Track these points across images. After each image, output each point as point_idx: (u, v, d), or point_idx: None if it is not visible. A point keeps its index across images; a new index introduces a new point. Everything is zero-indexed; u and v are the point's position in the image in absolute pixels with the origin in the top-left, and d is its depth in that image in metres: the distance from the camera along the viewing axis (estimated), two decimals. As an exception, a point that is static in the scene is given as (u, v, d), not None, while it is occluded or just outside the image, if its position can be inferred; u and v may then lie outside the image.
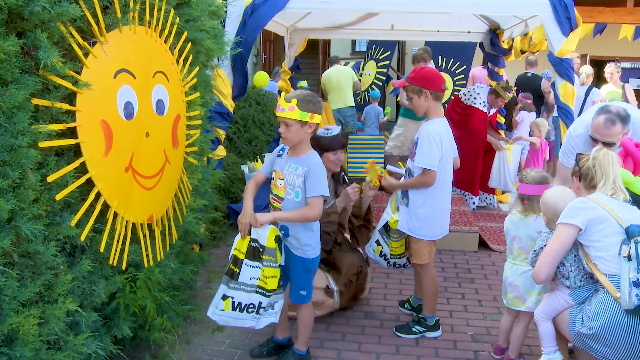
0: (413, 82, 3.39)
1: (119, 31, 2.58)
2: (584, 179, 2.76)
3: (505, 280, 3.23)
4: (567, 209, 2.64)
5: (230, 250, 2.95)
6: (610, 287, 2.46)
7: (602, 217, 2.54)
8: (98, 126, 2.45)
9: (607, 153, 2.71)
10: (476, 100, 6.46)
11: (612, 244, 2.50)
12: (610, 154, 2.71)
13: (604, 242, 2.52)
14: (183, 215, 3.42)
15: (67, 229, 2.32)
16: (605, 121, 3.18)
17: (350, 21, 7.32)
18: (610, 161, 2.68)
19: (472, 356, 3.43)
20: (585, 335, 2.51)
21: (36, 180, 2.14)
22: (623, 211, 2.56)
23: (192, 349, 3.43)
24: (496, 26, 6.83)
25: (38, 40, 2.07)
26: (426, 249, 3.50)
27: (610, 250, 2.50)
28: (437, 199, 3.44)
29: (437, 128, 3.36)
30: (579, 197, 2.68)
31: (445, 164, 3.40)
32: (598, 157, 2.70)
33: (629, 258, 2.39)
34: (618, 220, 2.51)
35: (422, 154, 3.33)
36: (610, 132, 3.18)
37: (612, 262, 2.49)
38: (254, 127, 8.28)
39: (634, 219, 2.52)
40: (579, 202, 2.63)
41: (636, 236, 2.40)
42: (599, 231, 2.54)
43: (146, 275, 2.92)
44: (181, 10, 3.26)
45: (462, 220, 5.85)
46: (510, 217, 3.27)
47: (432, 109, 3.42)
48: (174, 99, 3.15)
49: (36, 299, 2.25)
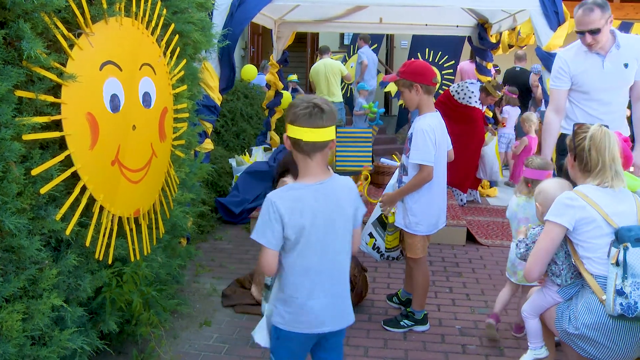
0: (404, 76, 3.37)
1: (105, 23, 2.54)
2: (579, 161, 2.55)
3: (514, 260, 3.40)
4: (554, 204, 2.52)
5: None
6: (597, 288, 2.39)
7: (590, 218, 2.42)
8: (84, 119, 2.42)
9: (605, 133, 2.47)
10: (471, 99, 6.45)
11: (601, 245, 2.41)
12: (608, 134, 2.48)
13: (592, 243, 2.43)
14: (170, 208, 3.39)
15: (52, 223, 2.29)
16: (584, 10, 3.48)
17: (339, 14, 7.31)
18: (608, 144, 2.46)
19: (460, 350, 3.44)
20: (572, 334, 2.48)
21: (20, 173, 2.11)
22: (614, 204, 2.44)
23: (180, 344, 3.41)
24: (484, 20, 6.85)
25: (21, 31, 2.04)
26: (420, 243, 3.51)
27: (598, 251, 2.41)
28: (432, 194, 3.43)
29: (431, 122, 3.35)
30: (567, 192, 2.54)
31: (439, 158, 3.39)
32: (594, 137, 2.48)
33: (616, 264, 2.29)
34: (607, 220, 2.40)
35: (417, 150, 3.31)
36: (590, 19, 3.47)
37: (600, 263, 2.41)
38: (242, 121, 8.25)
39: (625, 212, 2.43)
40: (567, 199, 2.47)
41: (626, 241, 2.29)
42: (587, 232, 2.44)
43: (133, 270, 2.90)
44: (168, 2, 3.23)
45: (450, 214, 5.87)
46: (516, 200, 3.39)
47: (424, 103, 3.40)
48: (161, 91, 3.11)
49: (20, 294, 2.22)
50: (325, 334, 2.21)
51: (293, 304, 2.15)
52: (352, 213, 2.22)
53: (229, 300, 4.02)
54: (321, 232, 2.12)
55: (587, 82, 3.73)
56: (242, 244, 5.38)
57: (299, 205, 2.08)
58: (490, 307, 4.02)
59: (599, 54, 3.67)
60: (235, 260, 4.94)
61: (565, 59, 3.74)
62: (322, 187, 2.14)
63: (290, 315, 2.16)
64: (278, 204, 2.06)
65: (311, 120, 2.05)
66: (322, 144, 2.10)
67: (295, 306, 2.15)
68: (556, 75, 3.79)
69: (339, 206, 2.16)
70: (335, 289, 2.19)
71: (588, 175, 2.53)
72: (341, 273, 2.21)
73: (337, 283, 2.20)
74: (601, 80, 3.69)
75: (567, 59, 3.73)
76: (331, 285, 2.17)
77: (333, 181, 2.18)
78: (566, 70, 3.73)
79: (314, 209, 2.09)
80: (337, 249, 2.18)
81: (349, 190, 2.23)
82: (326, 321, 2.17)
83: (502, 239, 5.60)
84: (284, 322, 2.17)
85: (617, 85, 3.73)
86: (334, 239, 2.16)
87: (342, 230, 2.19)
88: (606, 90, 3.72)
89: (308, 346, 2.27)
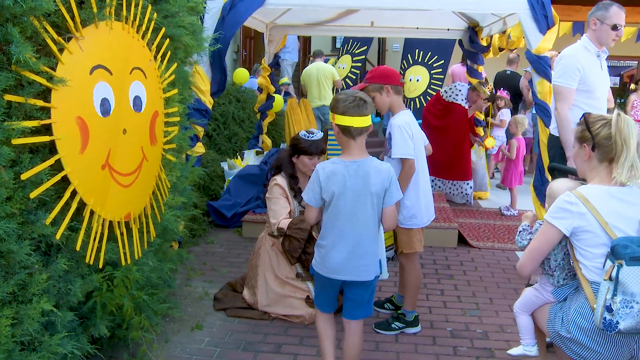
0: (373, 80, 3.49)
1: (95, 27, 2.54)
2: (599, 149, 2.38)
3: None
4: (555, 204, 2.42)
5: None
6: (591, 295, 2.35)
7: (587, 227, 2.33)
8: (74, 123, 2.41)
9: (626, 119, 2.34)
10: (457, 97, 6.60)
11: (597, 255, 2.34)
12: (628, 120, 2.34)
13: (589, 252, 2.36)
14: (161, 212, 3.39)
15: (41, 228, 2.28)
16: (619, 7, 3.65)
17: (330, 18, 7.32)
18: (631, 129, 2.31)
19: (451, 352, 3.45)
20: (564, 337, 2.46)
21: (9, 178, 2.10)
22: (620, 208, 2.32)
23: (171, 348, 3.40)
24: (475, 23, 6.88)
25: (10, 35, 2.03)
26: (416, 237, 3.58)
27: (594, 260, 2.35)
28: (419, 187, 3.54)
29: (405, 119, 3.47)
30: (569, 194, 2.38)
31: (418, 152, 3.51)
32: (618, 123, 2.32)
33: (610, 279, 2.23)
34: (606, 230, 2.30)
35: (397, 146, 3.41)
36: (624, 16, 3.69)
37: (595, 272, 2.35)
38: (234, 124, 8.25)
39: (631, 218, 2.32)
40: (567, 203, 2.37)
41: (621, 259, 2.20)
42: (584, 240, 2.37)
43: (123, 274, 2.89)
44: (159, 6, 3.22)
45: (442, 216, 5.88)
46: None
47: (396, 103, 3.53)
48: (152, 95, 3.11)
49: (9, 299, 2.21)
50: (345, 283, 2.74)
51: (321, 251, 2.75)
52: (379, 191, 2.67)
53: (221, 303, 4.01)
54: (349, 200, 2.64)
55: (592, 81, 3.89)
56: (234, 247, 5.38)
57: (332, 175, 2.64)
58: (482, 309, 4.05)
59: (598, 55, 3.79)
60: (227, 263, 4.93)
61: (579, 58, 3.84)
62: (355, 165, 2.65)
63: (319, 259, 2.77)
64: (320, 172, 2.66)
65: (359, 110, 2.62)
66: (366, 128, 2.66)
67: (322, 253, 2.74)
68: (570, 74, 3.88)
69: (366, 183, 2.64)
70: (354, 248, 2.67)
71: (609, 165, 2.38)
72: (362, 237, 2.68)
73: (357, 244, 2.67)
74: (601, 79, 3.85)
75: (580, 59, 3.84)
76: (351, 244, 2.67)
77: (367, 162, 2.68)
78: (580, 70, 3.86)
79: (344, 181, 2.63)
80: (361, 217, 2.66)
81: (378, 172, 2.67)
82: (342, 271, 2.70)
83: (493, 241, 5.62)
84: (316, 263, 2.80)
85: (607, 85, 3.95)
86: (360, 208, 2.65)
87: (368, 203, 2.66)
88: (602, 90, 3.92)
89: (333, 288, 2.80)
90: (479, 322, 3.85)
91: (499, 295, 4.30)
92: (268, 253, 3.94)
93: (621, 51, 11.91)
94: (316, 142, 3.81)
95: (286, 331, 3.66)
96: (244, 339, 3.55)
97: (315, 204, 2.71)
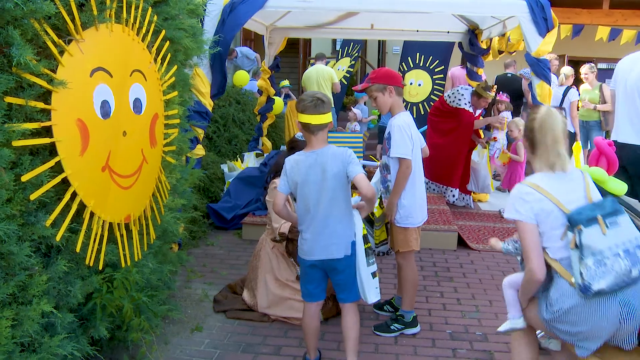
0: (376, 81, 3.55)
1: (95, 29, 2.55)
2: (528, 143, 2.62)
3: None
4: (509, 201, 2.54)
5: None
6: (563, 271, 2.43)
7: (547, 210, 2.45)
8: (74, 125, 2.42)
9: (550, 114, 2.53)
10: (461, 101, 6.55)
11: (558, 235, 2.45)
12: (554, 115, 2.53)
13: (552, 233, 2.46)
14: (161, 214, 3.39)
15: (42, 229, 2.29)
16: None
17: (330, 20, 7.34)
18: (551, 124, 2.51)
19: (451, 354, 3.45)
20: (550, 319, 2.49)
21: (10, 179, 2.10)
22: (566, 192, 2.47)
23: (171, 349, 3.41)
24: (475, 26, 6.90)
25: (10, 37, 2.04)
26: (413, 236, 3.62)
27: (558, 242, 2.45)
28: (415, 186, 3.59)
29: (405, 119, 3.53)
30: (520, 187, 2.53)
31: (415, 154, 3.56)
32: (539, 118, 2.53)
33: (576, 246, 2.34)
34: (562, 209, 2.43)
35: (396, 145, 3.47)
36: None
37: (561, 250, 2.44)
38: (234, 126, 8.26)
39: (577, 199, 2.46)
40: (524, 194, 2.49)
41: (578, 224, 2.34)
42: (546, 223, 2.47)
43: (123, 275, 2.89)
44: (159, 9, 3.23)
45: (442, 219, 5.89)
46: None
47: (396, 103, 3.59)
48: (152, 97, 3.12)
49: (9, 301, 2.21)
50: (327, 268, 3.03)
51: (300, 236, 3.04)
52: (340, 172, 2.91)
53: (221, 305, 4.02)
54: (312, 186, 2.93)
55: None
56: (234, 249, 5.38)
57: (296, 165, 2.96)
58: (481, 311, 4.05)
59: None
60: (226, 265, 4.94)
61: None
62: (315, 154, 2.94)
63: (300, 244, 3.04)
64: (287, 163, 3.00)
65: (317, 109, 2.89)
66: (325, 125, 2.94)
67: (300, 238, 3.04)
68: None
69: (324, 169, 2.92)
70: (322, 229, 2.95)
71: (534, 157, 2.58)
72: (328, 219, 2.95)
73: (325, 225, 2.95)
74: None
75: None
76: (320, 226, 2.95)
77: (325, 150, 2.95)
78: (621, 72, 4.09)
79: (306, 170, 2.93)
80: (324, 199, 2.93)
81: (335, 156, 2.93)
82: (314, 251, 2.98)
83: (493, 244, 5.62)
84: (299, 250, 3.07)
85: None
86: (323, 192, 2.92)
87: (330, 187, 2.92)
88: None
89: (314, 274, 3.06)
90: (478, 324, 3.86)
91: (499, 297, 4.29)
92: (268, 255, 3.94)
93: (621, 54, 11.91)
94: None
95: (286, 333, 3.67)
96: (244, 340, 3.55)
97: (284, 190, 3.01)
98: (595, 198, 2.52)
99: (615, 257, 2.29)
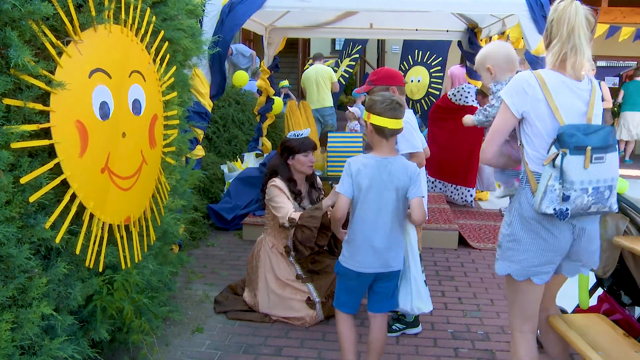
0: (379, 82, 3.52)
1: (94, 30, 2.54)
2: (544, 37, 2.46)
3: None
4: (512, 82, 2.43)
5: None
6: (533, 181, 2.37)
7: (539, 115, 2.35)
8: (73, 126, 2.41)
9: (572, 5, 2.36)
10: (468, 98, 6.57)
11: (544, 145, 2.36)
12: (576, 6, 2.35)
13: (535, 141, 2.39)
14: (161, 215, 3.38)
15: (41, 232, 2.28)
16: None
17: (329, 20, 7.33)
18: (570, 15, 2.34)
19: (452, 353, 3.44)
20: (505, 235, 2.49)
21: (8, 181, 2.10)
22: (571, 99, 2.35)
23: (172, 351, 3.40)
24: (474, 25, 6.89)
25: (8, 39, 2.03)
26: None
27: (541, 151, 2.37)
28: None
29: (409, 116, 3.49)
30: (527, 74, 2.39)
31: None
32: (559, 9, 2.37)
33: (553, 165, 2.25)
34: (556, 116, 2.32)
35: (405, 140, 3.42)
36: None
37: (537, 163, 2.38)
38: (234, 127, 8.25)
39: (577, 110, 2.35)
40: (526, 84, 2.37)
41: (565, 147, 2.23)
42: (531, 127, 2.39)
43: (124, 277, 2.88)
44: (158, 9, 3.22)
45: (442, 218, 5.88)
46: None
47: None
48: (151, 98, 3.11)
49: (9, 303, 2.20)
50: (375, 278, 2.86)
51: (351, 246, 2.85)
52: (405, 186, 2.78)
53: (221, 306, 4.01)
54: (376, 194, 2.77)
55: None
56: (235, 250, 5.38)
57: (364, 169, 2.78)
58: (483, 310, 4.04)
59: None
60: (227, 266, 4.93)
61: None
62: (385, 161, 2.79)
63: (349, 254, 2.86)
64: (351, 164, 2.80)
65: (394, 113, 2.75)
66: (398, 130, 2.80)
67: (352, 247, 2.85)
68: None
69: (391, 179, 2.77)
70: (381, 241, 2.78)
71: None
72: (391, 229, 2.80)
73: (385, 237, 2.79)
74: None
75: None
76: (381, 237, 2.78)
77: (395, 160, 2.81)
78: None
79: (373, 175, 2.77)
80: (388, 210, 2.78)
81: (405, 169, 2.80)
82: (374, 264, 2.81)
83: (494, 243, 5.61)
84: (344, 259, 2.88)
85: None
86: (386, 202, 2.77)
87: (394, 197, 2.78)
88: None
89: (361, 285, 2.90)
90: (480, 323, 3.85)
91: (500, 296, 4.29)
92: (268, 254, 3.94)
93: (619, 51, 11.93)
94: (307, 139, 3.93)
95: (287, 334, 3.66)
96: (245, 341, 3.55)
97: (348, 194, 2.80)
98: (595, 119, 2.38)
99: (581, 192, 2.23)
